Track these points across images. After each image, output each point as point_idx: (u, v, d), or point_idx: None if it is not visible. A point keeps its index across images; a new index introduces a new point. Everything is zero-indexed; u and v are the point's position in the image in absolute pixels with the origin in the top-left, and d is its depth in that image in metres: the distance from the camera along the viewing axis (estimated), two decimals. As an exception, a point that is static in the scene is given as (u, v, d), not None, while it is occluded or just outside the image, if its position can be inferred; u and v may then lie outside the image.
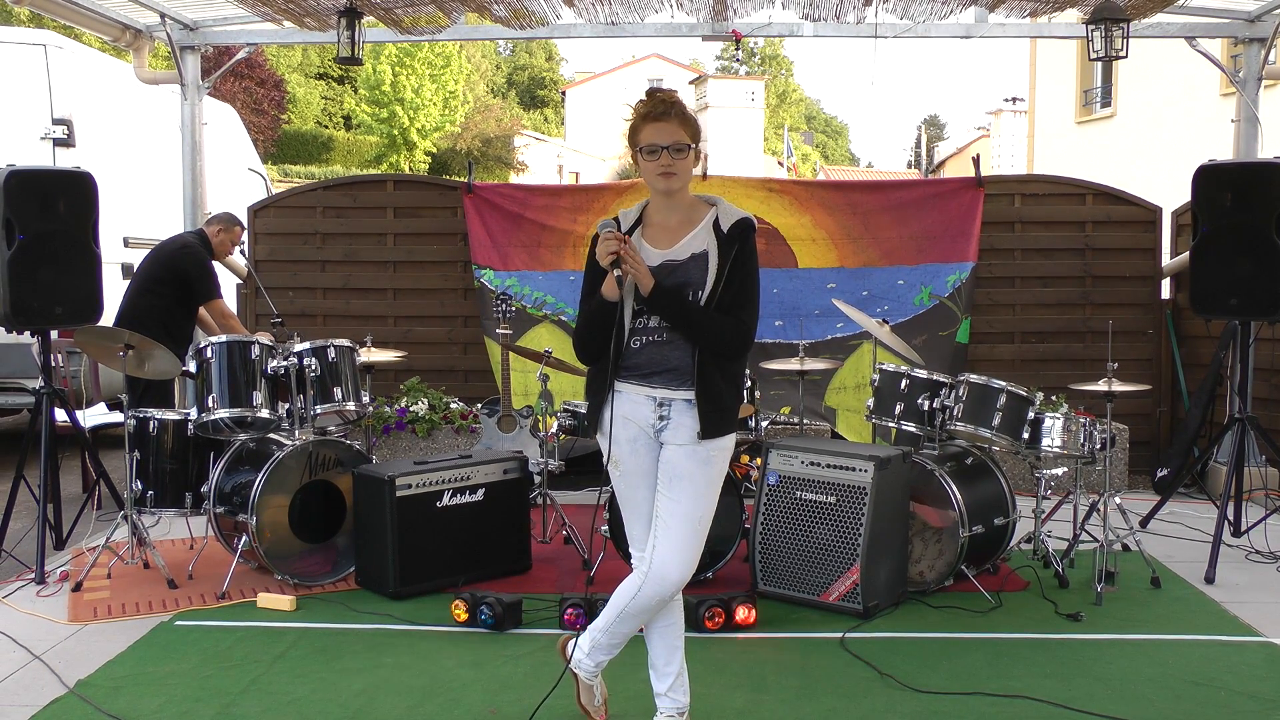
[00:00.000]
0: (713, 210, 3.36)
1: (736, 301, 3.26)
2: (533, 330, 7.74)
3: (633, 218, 3.38)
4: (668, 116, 3.25)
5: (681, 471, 3.29)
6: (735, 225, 3.30)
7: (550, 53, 62.38)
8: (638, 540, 3.42)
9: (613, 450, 3.32)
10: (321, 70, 44.04)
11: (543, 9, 7.15)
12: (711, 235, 3.30)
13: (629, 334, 3.29)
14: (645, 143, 3.26)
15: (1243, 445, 5.74)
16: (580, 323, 3.36)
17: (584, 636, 3.52)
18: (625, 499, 3.44)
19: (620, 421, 3.31)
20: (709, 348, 3.25)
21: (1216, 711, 3.80)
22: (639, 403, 3.32)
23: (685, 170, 3.28)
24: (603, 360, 3.32)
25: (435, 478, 5.09)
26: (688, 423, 3.27)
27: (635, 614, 3.38)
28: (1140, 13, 6.88)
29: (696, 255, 3.29)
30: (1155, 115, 19.18)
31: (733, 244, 3.27)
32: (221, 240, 6.67)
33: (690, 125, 3.28)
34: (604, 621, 3.44)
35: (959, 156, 48.76)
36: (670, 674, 3.46)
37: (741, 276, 3.27)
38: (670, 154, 3.23)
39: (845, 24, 7.39)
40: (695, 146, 3.29)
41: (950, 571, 5.01)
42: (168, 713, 3.76)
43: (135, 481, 5.24)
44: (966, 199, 7.71)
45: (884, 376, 5.43)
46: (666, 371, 3.28)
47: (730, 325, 3.25)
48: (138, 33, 7.66)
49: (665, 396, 3.29)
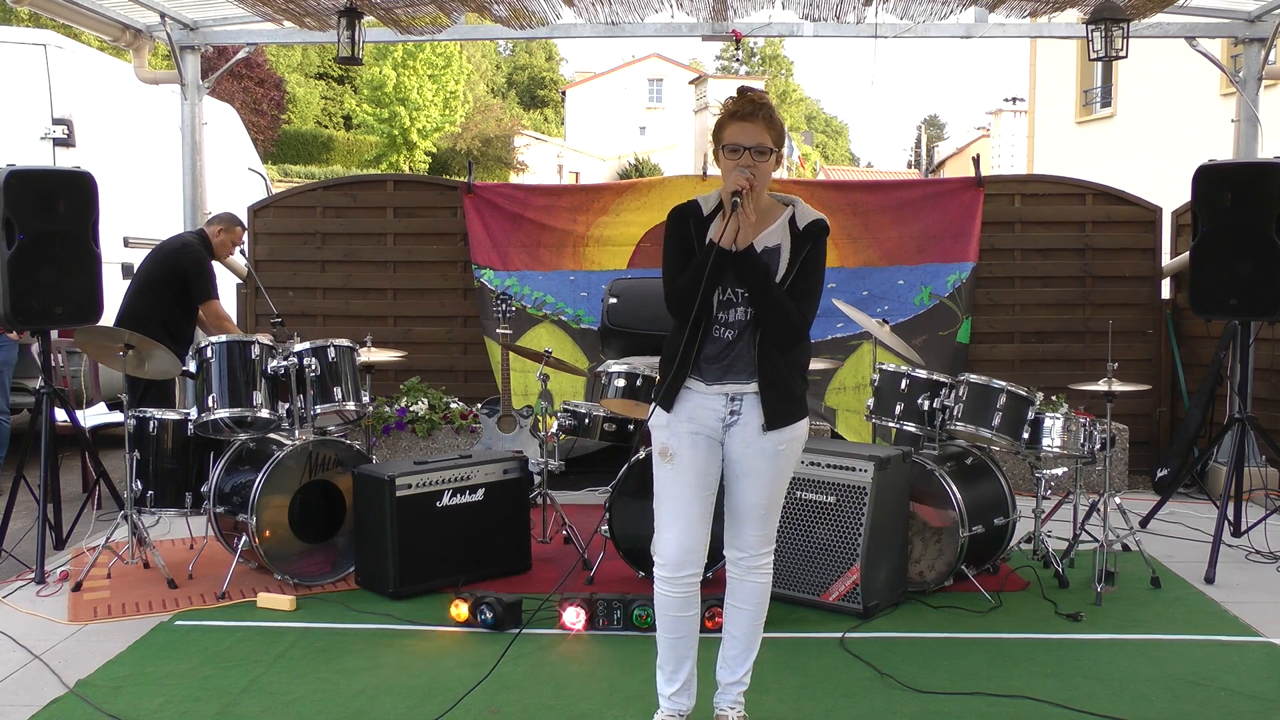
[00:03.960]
0: (789, 209, 3.40)
1: (800, 294, 3.34)
2: (533, 330, 7.74)
3: (712, 203, 3.40)
4: (754, 118, 3.28)
5: (749, 468, 3.37)
6: (812, 224, 3.37)
7: (550, 53, 62.37)
8: (668, 549, 3.37)
9: (669, 440, 3.35)
10: (321, 70, 44.04)
11: (543, 9, 7.15)
12: (787, 231, 3.37)
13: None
14: (728, 141, 3.28)
15: (1243, 445, 5.74)
16: (685, 276, 3.31)
17: (728, 668, 3.57)
18: (669, 496, 3.38)
19: (684, 419, 3.34)
20: (775, 324, 3.31)
21: (1216, 711, 3.80)
22: (709, 399, 3.35)
23: (766, 173, 3.30)
24: (687, 344, 3.32)
25: (435, 478, 5.09)
26: (756, 417, 3.33)
27: (756, 613, 3.53)
28: (1140, 13, 6.88)
29: (770, 249, 3.35)
30: (1155, 115, 19.17)
31: (807, 241, 3.35)
32: (222, 240, 6.68)
33: (776, 128, 3.31)
34: (746, 641, 3.55)
35: (959, 156, 48.75)
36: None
37: (810, 272, 3.36)
38: (753, 155, 3.26)
39: (845, 24, 7.39)
40: (778, 151, 3.32)
41: (950, 571, 5.01)
42: (168, 713, 3.76)
43: (135, 481, 5.24)
44: (966, 199, 7.71)
45: (884, 376, 5.43)
46: (736, 368, 3.34)
47: (796, 309, 3.32)
48: (138, 33, 7.66)
49: (737, 391, 3.34)
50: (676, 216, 3.41)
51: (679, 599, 3.39)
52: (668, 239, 3.42)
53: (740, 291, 3.31)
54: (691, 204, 3.42)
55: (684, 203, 3.43)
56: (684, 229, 3.38)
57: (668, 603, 3.40)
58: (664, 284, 3.40)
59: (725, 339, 3.35)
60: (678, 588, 3.38)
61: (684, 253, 3.36)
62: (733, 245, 3.23)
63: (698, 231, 3.36)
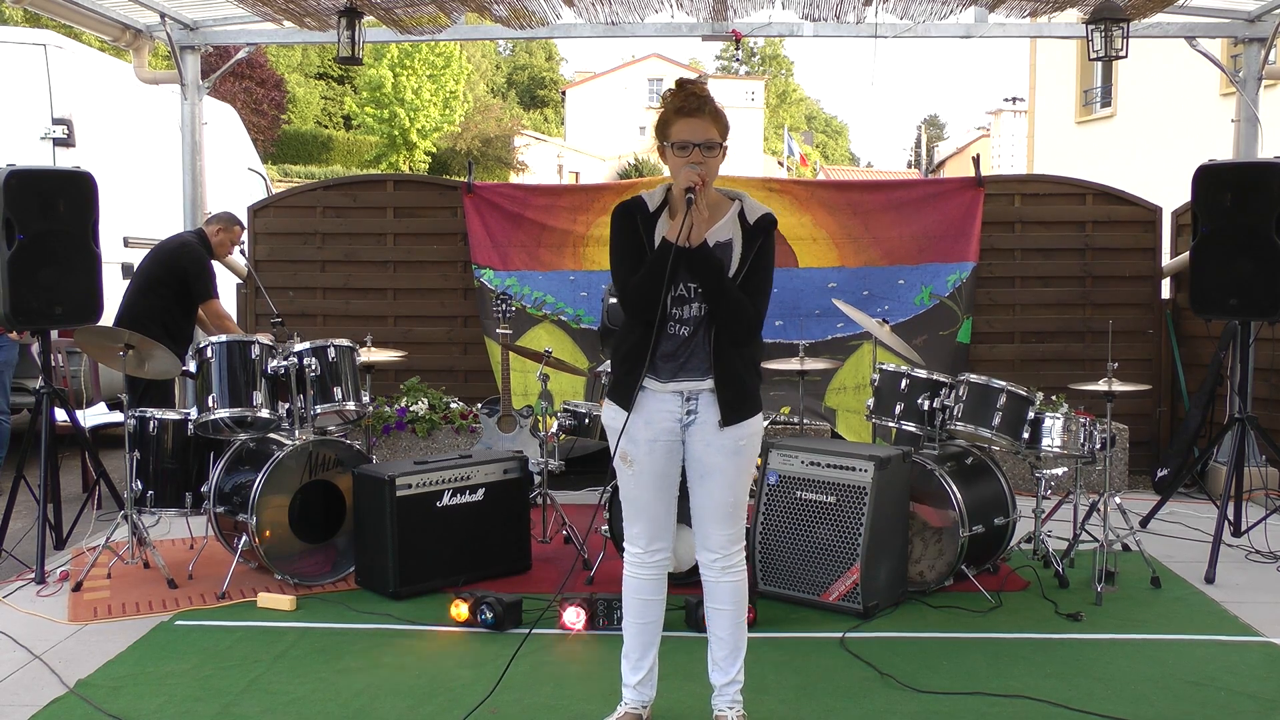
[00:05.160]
0: (737, 204, 3.40)
1: (753, 290, 3.34)
2: (532, 330, 7.74)
3: (657, 200, 3.40)
4: (700, 113, 3.27)
5: (711, 466, 3.37)
6: (762, 218, 3.37)
7: (550, 53, 62.40)
8: (636, 537, 3.47)
9: (627, 447, 3.36)
10: (321, 70, 44.05)
11: (543, 9, 7.15)
12: (737, 225, 3.36)
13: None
14: (676, 138, 3.27)
15: (1243, 445, 5.74)
16: (639, 277, 3.29)
17: (720, 670, 3.54)
18: (631, 497, 3.46)
19: (641, 424, 3.34)
20: (731, 318, 3.31)
21: (1216, 711, 3.80)
22: (665, 400, 3.35)
23: (714, 168, 3.30)
24: (642, 342, 3.31)
25: (435, 478, 5.09)
26: (713, 414, 3.33)
27: (737, 611, 3.50)
28: (1140, 13, 6.88)
29: (722, 244, 3.34)
30: (1155, 115, 19.17)
31: (758, 236, 3.35)
32: (221, 240, 6.67)
33: (721, 122, 3.31)
34: (733, 642, 3.51)
35: (959, 156, 48.79)
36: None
37: (761, 267, 3.36)
38: (702, 151, 3.25)
39: (845, 24, 7.39)
40: (725, 145, 3.31)
41: (950, 571, 5.01)
42: (168, 713, 3.76)
43: (135, 481, 5.24)
44: (967, 199, 7.71)
45: (884, 376, 5.43)
46: (691, 366, 3.34)
47: (750, 305, 3.33)
48: (138, 33, 7.66)
49: (692, 390, 3.34)
50: (623, 214, 3.38)
51: (651, 581, 3.48)
52: (615, 237, 3.40)
53: (694, 287, 3.32)
54: (637, 201, 3.40)
55: (628, 200, 3.41)
56: (632, 226, 3.37)
57: (639, 586, 3.48)
58: (615, 283, 3.39)
59: (681, 336, 3.34)
60: (648, 569, 3.47)
61: (634, 251, 3.36)
62: (686, 242, 3.22)
63: (646, 229, 3.36)
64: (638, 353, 3.30)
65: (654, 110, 41.33)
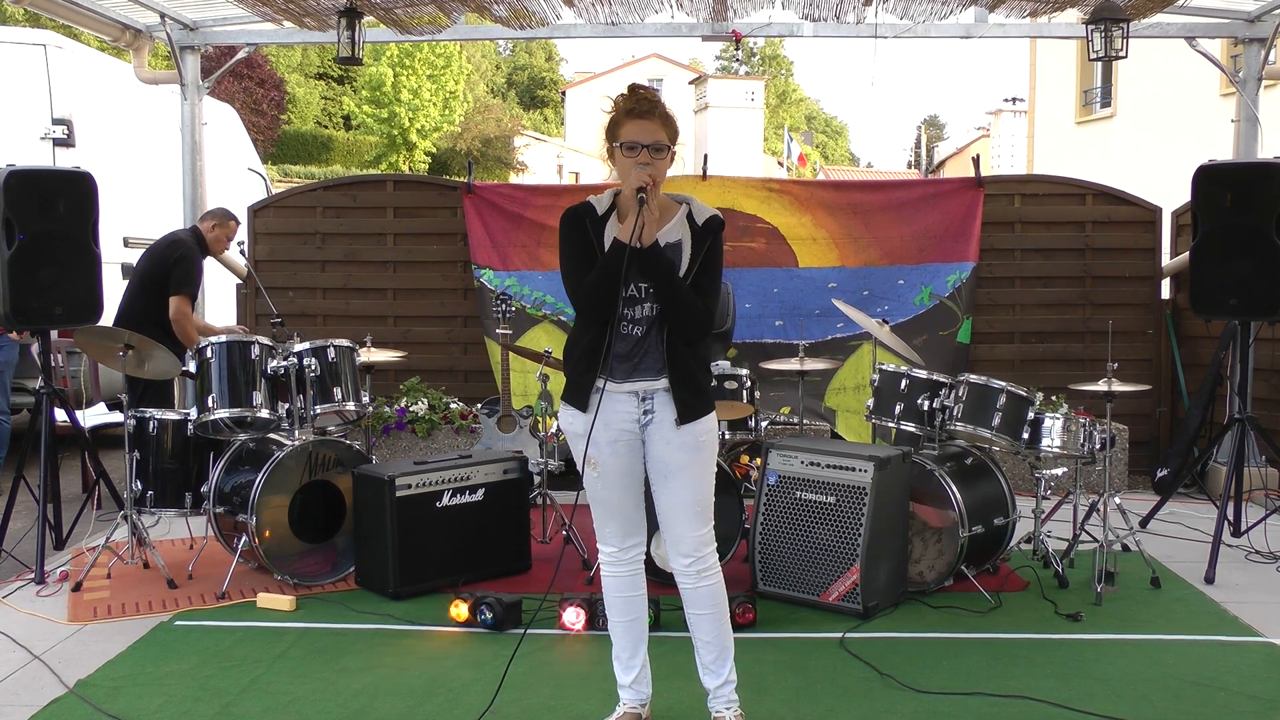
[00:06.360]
0: (685, 206, 3.44)
1: (703, 289, 3.38)
2: (532, 330, 7.74)
3: (605, 204, 3.44)
4: (651, 115, 3.32)
5: (674, 465, 3.39)
6: (710, 220, 3.42)
7: (550, 53, 62.37)
8: (610, 537, 3.53)
9: (591, 452, 3.40)
10: (321, 70, 44.02)
11: (543, 9, 7.15)
12: (686, 226, 3.41)
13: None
14: (626, 139, 3.31)
15: (1243, 445, 5.74)
16: (593, 277, 3.31)
17: (711, 673, 3.53)
18: (600, 499, 3.50)
19: (600, 426, 3.36)
20: (683, 317, 3.34)
21: (1216, 711, 3.80)
22: (621, 401, 3.38)
23: (663, 169, 3.34)
24: (596, 343, 3.33)
25: (435, 478, 5.09)
26: (669, 413, 3.36)
27: (719, 613, 3.49)
28: (1140, 13, 6.88)
29: (671, 244, 3.38)
30: (1155, 115, 19.17)
31: (707, 236, 3.40)
32: (216, 235, 6.65)
33: (671, 126, 3.36)
34: (719, 644, 3.50)
35: (959, 156, 48.76)
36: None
37: (710, 267, 3.40)
38: (650, 153, 3.29)
39: (845, 24, 7.39)
40: (673, 149, 3.36)
41: (950, 571, 5.01)
42: (168, 713, 3.76)
43: (135, 481, 5.24)
44: (966, 199, 7.71)
45: (884, 376, 5.43)
46: (645, 366, 3.37)
47: (701, 303, 3.37)
48: (138, 33, 7.67)
49: (646, 390, 3.37)
50: (572, 218, 3.41)
51: (629, 578, 3.52)
52: (565, 241, 3.43)
53: (644, 287, 3.34)
54: (585, 205, 3.44)
55: (576, 204, 3.45)
56: (582, 230, 3.40)
57: (619, 584, 3.52)
58: (566, 286, 3.42)
59: (634, 336, 3.37)
60: (625, 566, 3.52)
61: (585, 254, 3.38)
62: (638, 242, 3.25)
63: (595, 232, 3.39)
64: (592, 353, 3.34)
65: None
